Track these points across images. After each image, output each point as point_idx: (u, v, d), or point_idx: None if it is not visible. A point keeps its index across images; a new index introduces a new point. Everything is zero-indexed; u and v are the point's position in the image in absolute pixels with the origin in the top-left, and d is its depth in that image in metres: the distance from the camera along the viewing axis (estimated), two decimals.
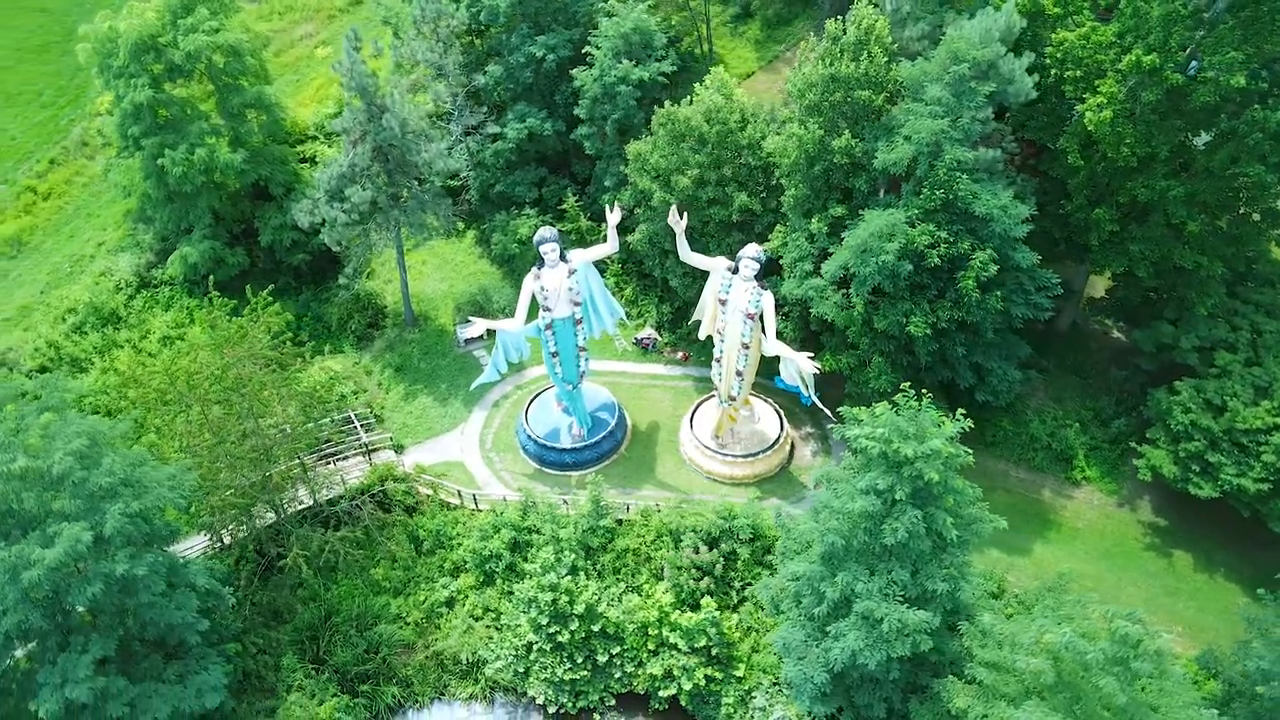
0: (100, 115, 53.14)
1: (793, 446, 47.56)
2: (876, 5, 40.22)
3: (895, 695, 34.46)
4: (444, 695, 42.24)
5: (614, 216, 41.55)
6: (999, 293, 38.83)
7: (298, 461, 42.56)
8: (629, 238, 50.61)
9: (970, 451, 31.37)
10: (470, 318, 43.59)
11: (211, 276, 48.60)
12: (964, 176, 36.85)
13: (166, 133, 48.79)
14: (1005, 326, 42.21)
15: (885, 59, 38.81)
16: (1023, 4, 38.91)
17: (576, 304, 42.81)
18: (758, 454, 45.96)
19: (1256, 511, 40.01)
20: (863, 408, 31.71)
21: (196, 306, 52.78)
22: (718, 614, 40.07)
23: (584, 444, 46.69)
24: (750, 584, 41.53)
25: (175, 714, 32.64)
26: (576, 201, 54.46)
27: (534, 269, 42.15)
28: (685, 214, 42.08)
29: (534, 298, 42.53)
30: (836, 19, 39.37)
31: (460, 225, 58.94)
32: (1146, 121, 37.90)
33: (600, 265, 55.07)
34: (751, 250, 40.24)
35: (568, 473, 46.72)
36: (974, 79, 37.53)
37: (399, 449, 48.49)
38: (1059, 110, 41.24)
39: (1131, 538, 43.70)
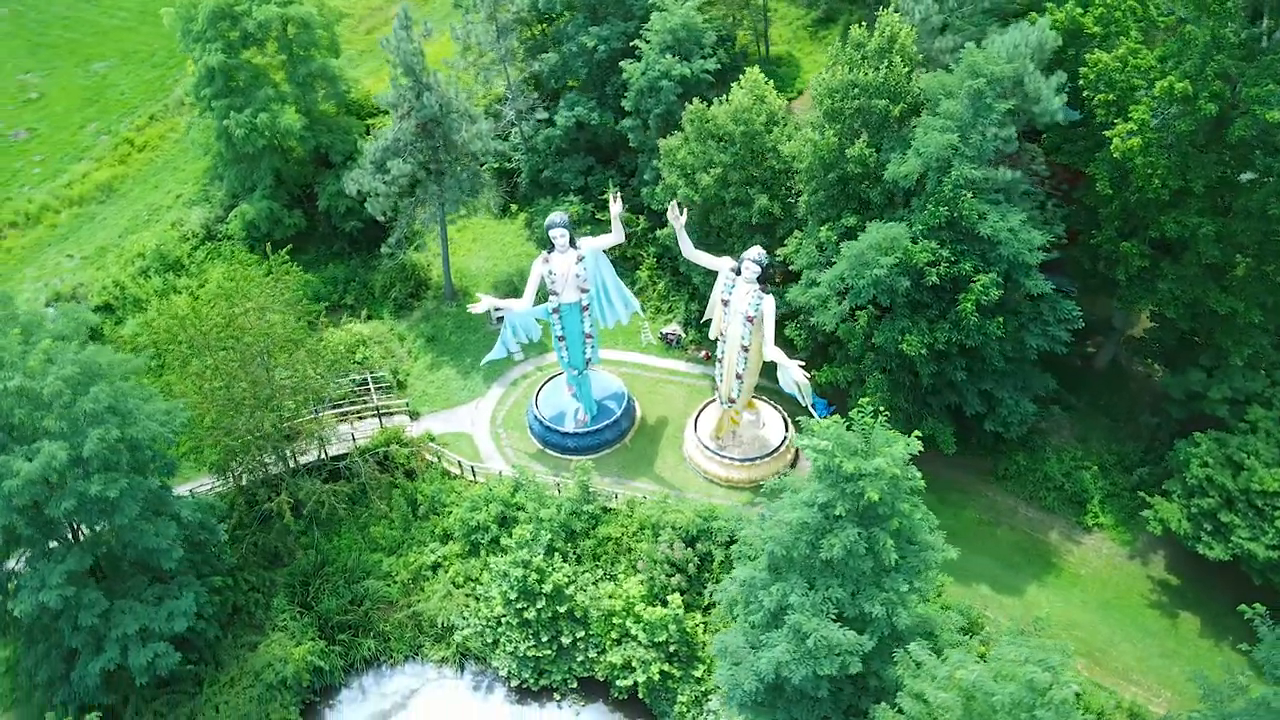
0: (188, 77, 56.89)
1: (796, 455, 46.88)
2: (905, 14, 39.19)
3: (836, 715, 33.77)
4: (418, 655, 43.68)
5: (616, 207, 41.98)
6: (1001, 319, 37.31)
7: (310, 414, 44.77)
8: (659, 232, 50.92)
9: (921, 475, 30.46)
10: (480, 295, 44.77)
11: (234, 231, 51.74)
12: (969, 195, 35.58)
13: (235, 96, 51.98)
14: (1019, 356, 40.54)
15: (906, 69, 37.82)
16: (1059, 21, 37.22)
17: (584, 290, 43.41)
18: (756, 459, 45.54)
19: (1269, 580, 37.24)
20: (817, 420, 31.21)
21: (254, 262, 55.89)
22: (682, 612, 40.09)
23: (586, 430, 47.30)
24: None
25: (144, 631, 35.06)
26: (617, 192, 54.92)
27: (544, 253, 43.04)
28: (685, 211, 42.05)
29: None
30: (861, 25, 38.60)
31: (513, 207, 60.48)
32: (1182, 153, 35.71)
33: (633, 259, 55.75)
34: (754, 253, 39.94)
35: (569, 456, 47.36)
36: (997, 96, 36.17)
37: (414, 415, 50.27)
38: (1098, 135, 39.24)
39: (1137, 593, 41.26)
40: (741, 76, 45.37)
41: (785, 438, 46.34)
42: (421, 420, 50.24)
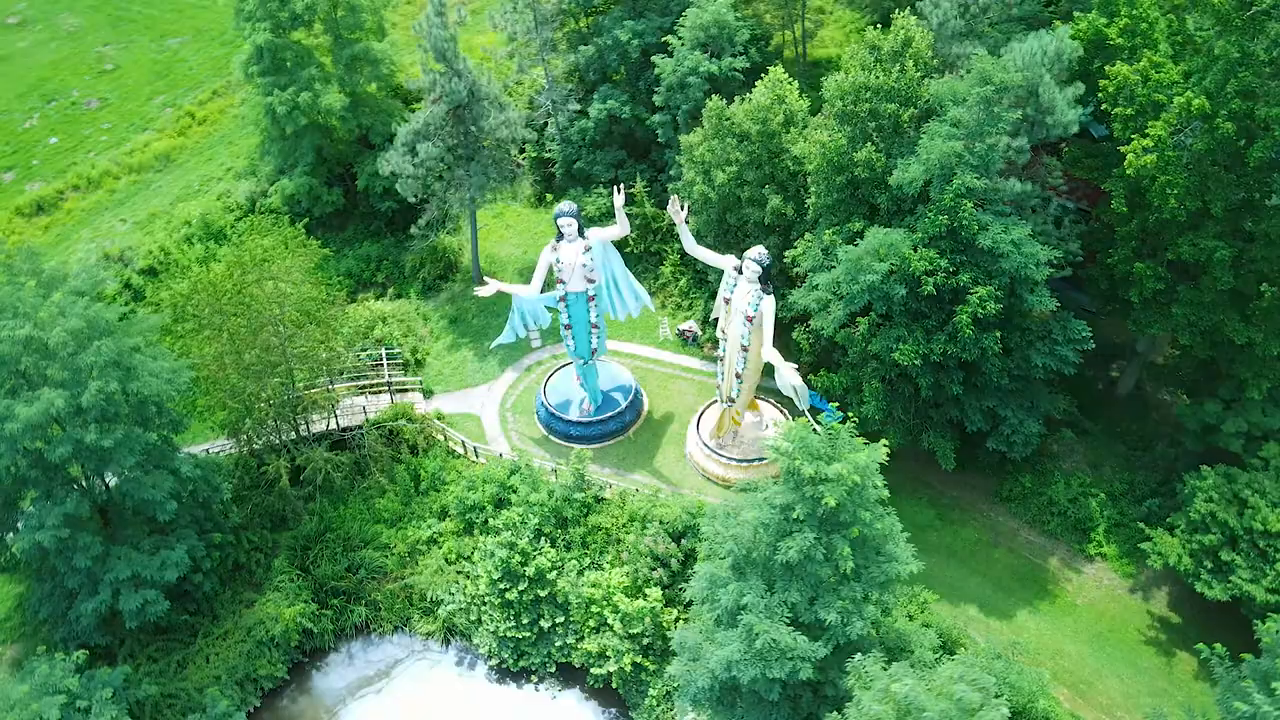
0: (239, 54, 59.07)
1: None
2: (923, 18, 38.44)
3: None
4: (406, 626, 44.70)
5: (619, 199, 42.20)
6: (998, 333, 36.36)
7: (324, 385, 46.18)
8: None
9: (886, 483, 29.96)
10: (487, 279, 45.52)
11: (275, 205, 54.06)
12: (971, 204, 34.75)
13: (281, 75, 53.83)
14: (1024, 375, 39.44)
15: (919, 73, 37.11)
16: (1081, 31, 36.03)
17: (591, 281, 43.79)
18: (753, 461, 45.27)
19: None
20: (789, 423, 31.02)
21: (293, 235, 57.72)
22: (660, 605, 40.20)
23: (590, 420, 47.66)
24: None
25: (136, 578, 36.72)
26: (645, 188, 55.23)
27: (553, 241, 43.58)
28: (686, 207, 41.96)
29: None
30: (876, 26, 38.04)
31: (548, 196, 61.20)
32: (1201, 173, 34.26)
33: (657, 254, 55.82)
34: (755, 252, 39.70)
35: (571, 444, 47.81)
36: (1008, 105, 35.26)
37: (428, 393, 51.37)
38: (1117, 150, 37.88)
39: (1134, 627, 39.79)
40: (766, 75, 45.08)
41: None
42: (434, 399, 51.32)
